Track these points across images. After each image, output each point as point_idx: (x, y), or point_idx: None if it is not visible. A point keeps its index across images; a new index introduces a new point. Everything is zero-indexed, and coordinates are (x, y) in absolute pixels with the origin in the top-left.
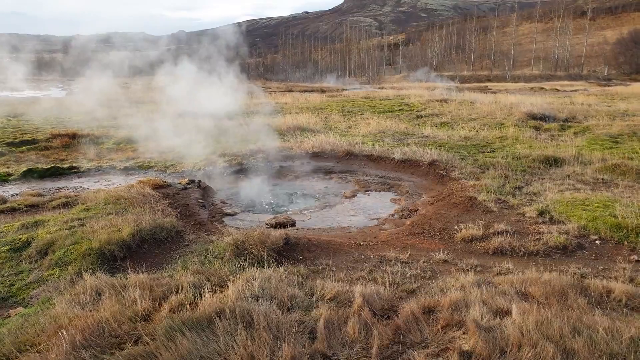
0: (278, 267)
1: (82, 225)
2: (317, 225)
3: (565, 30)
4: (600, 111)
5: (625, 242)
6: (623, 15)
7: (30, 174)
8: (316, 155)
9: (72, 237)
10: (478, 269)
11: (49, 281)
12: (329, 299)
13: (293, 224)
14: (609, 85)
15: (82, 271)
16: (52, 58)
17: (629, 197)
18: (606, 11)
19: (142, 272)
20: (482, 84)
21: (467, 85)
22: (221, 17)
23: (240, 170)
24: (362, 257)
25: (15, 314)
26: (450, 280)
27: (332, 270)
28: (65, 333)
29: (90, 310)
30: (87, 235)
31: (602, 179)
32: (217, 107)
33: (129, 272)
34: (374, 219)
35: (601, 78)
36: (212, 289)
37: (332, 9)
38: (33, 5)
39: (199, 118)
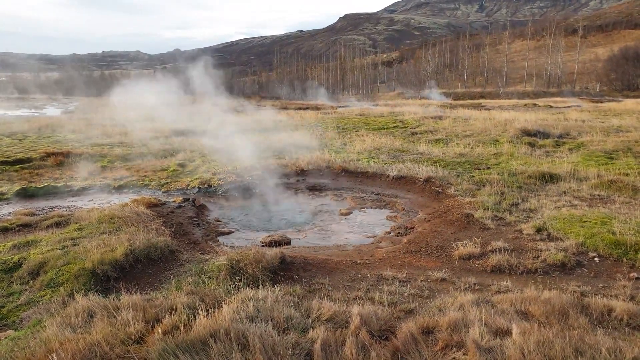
0: (274, 287)
1: (75, 245)
2: (313, 244)
3: (557, 47)
4: (594, 127)
5: (624, 259)
6: (613, 33)
7: (24, 193)
8: (312, 172)
9: (65, 257)
10: (476, 287)
11: (40, 303)
12: (325, 320)
13: (289, 242)
14: (601, 102)
15: (74, 292)
16: (48, 77)
17: (626, 213)
18: (597, 29)
19: (136, 293)
20: (475, 101)
21: (460, 102)
22: (216, 35)
23: (235, 188)
24: (359, 276)
25: (5, 337)
26: (449, 299)
27: (329, 290)
28: (55, 357)
29: (81, 333)
30: (80, 255)
31: (599, 195)
32: (211, 125)
33: (122, 292)
34: (370, 237)
35: (593, 94)
36: (207, 310)
37: (326, 27)
38: (29, 26)
39: (193, 136)
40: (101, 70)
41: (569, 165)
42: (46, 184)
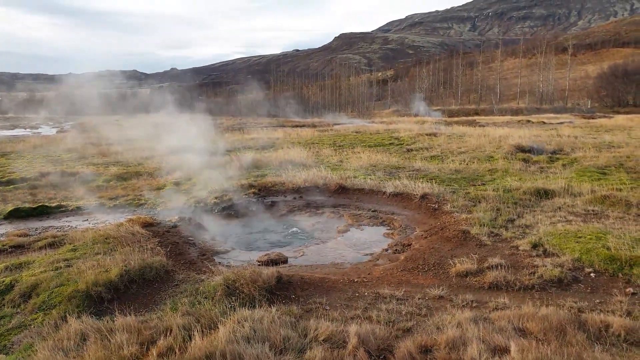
0: (270, 306)
1: (69, 266)
2: (310, 262)
3: (548, 65)
4: (587, 143)
5: (620, 275)
6: (602, 51)
7: (17, 214)
8: (308, 189)
9: (58, 278)
10: (474, 304)
11: (32, 326)
12: (323, 340)
13: (285, 261)
14: (593, 118)
15: (67, 315)
16: (43, 96)
17: (620, 228)
18: (586, 47)
19: (130, 315)
20: (470, 118)
21: (455, 118)
22: (212, 54)
23: (232, 206)
24: (357, 294)
25: None
26: (447, 317)
27: (326, 309)
28: None
29: (74, 357)
30: (74, 277)
31: (593, 210)
32: (207, 143)
33: (116, 314)
34: (367, 254)
35: (585, 111)
36: (202, 331)
37: (322, 47)
38: (25, 45)
39: (190, 154)
40: (96, 90)
41: (563, 180)
42: (40, 204)
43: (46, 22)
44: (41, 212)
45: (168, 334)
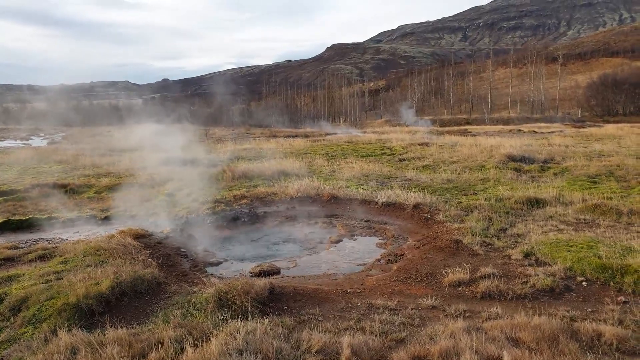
0: (263, 318)
1: (59, 278)
2: (302, 273)
3: (538, 75)
4: (577, 152)
5: (612, 283)
6: (592, 61)
7: (6, 226)
8: (301, 200)
9: (48, 291)
10: (467, 314)
11: (22, 340)
12: (316, 352)
13: (278, 272)
14: (583, 127)
15: (57, 328)
16: (35, 107)
17: (612, 237)
18: (576, 57)
19: (121, 327)
20: (461, 127)
21: (447, 128)
22: (205, 65)
23: (224, 217)
24: (350, 305)
25: None
26: (440, 327)
27: (319, 320)
28: None
29: None
30: (64, 290)
31: (584, 219)
32: (199, 154)
33: (107, 327)
34: (360, 265)
35: (575, 120)
36: (194, 343)
37: (314, 57)
38: (15, 57)
39: (181, 165)
40: (89, 100)
41: (554, 190)
42: (30, 216)
43: (38, 33)
44: (31, 224)
45: (160, 347)
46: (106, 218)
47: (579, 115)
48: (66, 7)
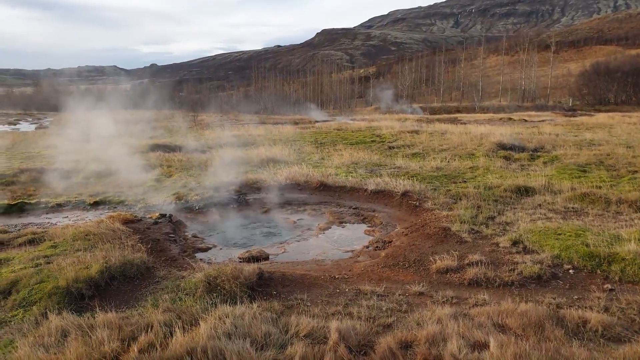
0: (251, 303)
1: (49, 262)
2: (291, 259)
3: (530, 62)
4: (568, 141)
5: (598, 271)
6: (585, 49)
7: None
8: (290, 187)
9: (38, 275)
10: (454, 300)
11: (12, 323)
12: (304, 336)
13: (267, 258)
14: (574, 116)
15: (48, 311)
16: (22, 92)
17: (599, 225)
18: (569, 44)
19: (111, 311)
20: (452, 115)
21: (437, 116)
22: (193, 50)
23: (213, 203)
24: (337, 290)
25: None
26: (427, 313)
27: (307, 305)
28: None
29: (54, 353)
30: (54, 274)
31: (573, 208)
32: (188, 140)
33: (97, 311)
34: (348, 251)
35: (567, 108)
36: (184, 327)
37: (304, 42)
38: (5, 40)
39: (170, 151)
40: (76, 86)
41: (543, 178)
42: (19, 200)
43: (23, 15)
44: (20, 208)
45: (149, 330)
46: (95, 203)
47: (571, 104)
48: None
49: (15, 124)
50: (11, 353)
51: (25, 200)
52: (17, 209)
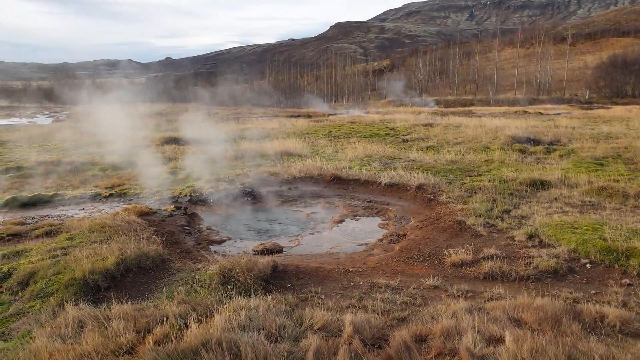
0: (266, 295)
1: (66, 254)
2: (305, 252)
3: (546, 55)
4: (584, 134)
5: (616, 266)
6: (602, 41)
7: (14, 202)
8: (303, 180)
9: (55, 267)
10: (469, 294)
11: (30, 313)
12: (318, 329)
13: (280, 251)
14: (591, 109)
15: (64, 302)
16: (39, 85)
17: (617, 219)
18: (585, 37)
19: (127, 303)
20: (466, 108)
21: (451, 109)
22: (207, 44)
23: (227, 196)
24: (352, 284)
25: None
26: (442, 306)
27: (321, 298)
28: None
29: (71, 344)
30: (70, 265)
31: (590, 202)
32: (202, 133)
33: (113, 302)
34: (362, 245)
35: (583, 101)
36: (198, 319)
37: (317, 36)
38: (18, 34)
39: (186, 144)
40: (92, 79)
41: (559, 172)
42: (37, 192)
43: (41, 10)
44: (38, 200)
45: (164, 322)
46: (110, 195)
47: (587, 97)
48: None
49: (32, 117)
50: (29, 343)
51: (43, 193)
52: (35, 201)
